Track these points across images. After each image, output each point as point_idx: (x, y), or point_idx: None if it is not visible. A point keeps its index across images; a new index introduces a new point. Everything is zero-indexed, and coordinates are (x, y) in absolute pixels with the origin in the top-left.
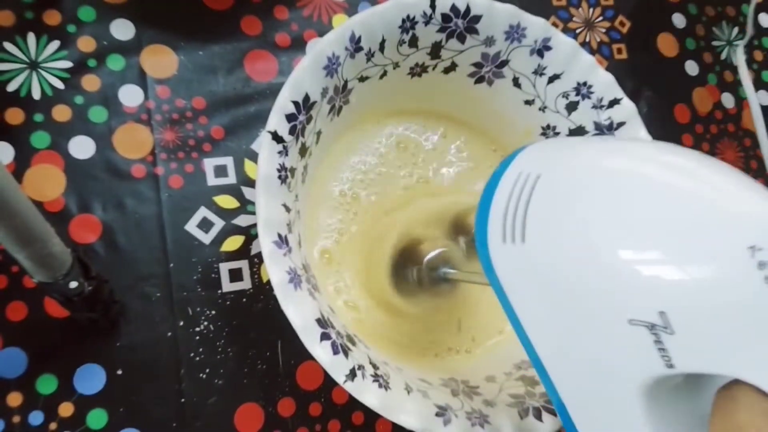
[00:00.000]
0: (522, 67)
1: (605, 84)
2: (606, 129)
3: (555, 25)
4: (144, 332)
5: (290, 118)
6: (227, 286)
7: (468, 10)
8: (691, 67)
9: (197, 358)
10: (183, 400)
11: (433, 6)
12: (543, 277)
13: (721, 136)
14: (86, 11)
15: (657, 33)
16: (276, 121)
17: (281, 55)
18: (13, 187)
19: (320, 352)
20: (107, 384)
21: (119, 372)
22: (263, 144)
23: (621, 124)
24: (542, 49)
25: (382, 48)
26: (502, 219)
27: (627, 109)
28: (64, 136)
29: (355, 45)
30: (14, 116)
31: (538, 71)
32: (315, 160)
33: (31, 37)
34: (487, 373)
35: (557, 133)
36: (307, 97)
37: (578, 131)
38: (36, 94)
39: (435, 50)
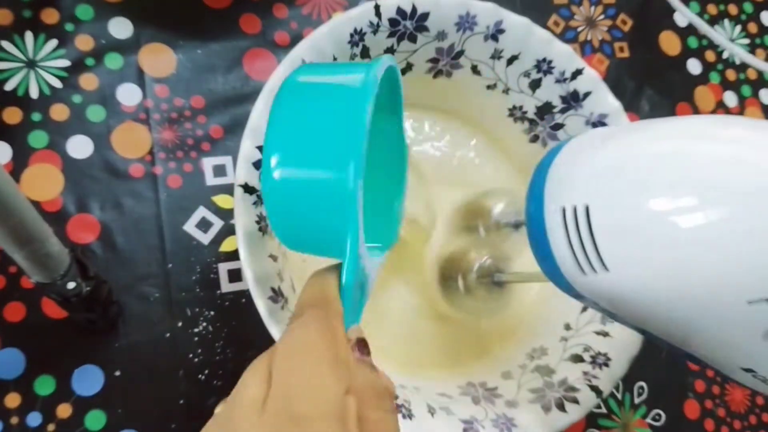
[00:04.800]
0: (478, 54)
1: (564, 56)
2: (572, 100)
3: (556, 23)
4: (142, 333)
5: (258, 164)
6: (226, 286)
7: (414, 10)
8: (694, 66)
9: (196, 359)
10: (182, 401)
11: (378, 14)
12: (645, 292)
13: None
14: (84, 10)
15: (659, 31)
16: (244, 173)
17: (280, 53)
18: (10, 187)
19: None
20: (105, 385)
21: (117, 373)
22: (236, 200)
23: (587, 94)
24: (496, 33)
25: None
26: (570, 256)
27: (591, 78)
28: (62, 136)
29: None
30: (12, 115)
31: (496, 55)
32: None
33: (28, 36)
34: (501, 369)
35: (524, 113)
36: None
37: (545, 107)
38: (34, 93)
39: None
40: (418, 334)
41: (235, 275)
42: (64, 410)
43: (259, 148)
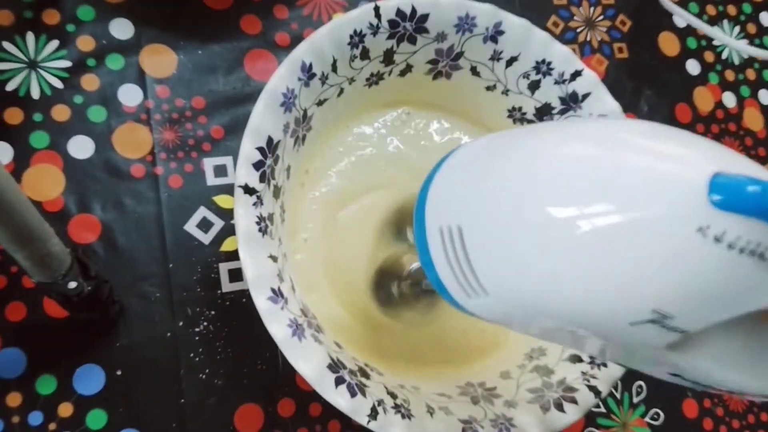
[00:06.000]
0: (477, 55)
1: (563, 58)
2: (571, 102)
3: (555, 24)
4: (143, 332)
5: (258, 165)
6: (227, 286)
7: (414, 11)
8: (692, 67)
9: (197, 359)
10: (183, 400)
11: (378, 15)
12: (529, 313)
13: (723, 136)
14: (85, 10)
15: (658, 32)
16: (244, 173)
17: (281, 54)
18: (12, 187)
19: (338, 398)
20: (107, 384)
21: (119, 372)
22: (237, 200)
23: (586, 96)
24: (495, 34)
25: (334, 68)
26: (454, 280)
27: (589, 80)
28: (64, 136)
29: (308, 73)
30: (13, 116)
31: (495, 57)
32: (289, 196)
33: (30, 37)
34: (500, 369)
35: (524, 114)
36: (270, 140)
37: (544, 108)
38: (35, 94)
39: (388, 57)
40: (413, 336)
41: (236, 275)
42: (65, 409)
43: (259, 149)
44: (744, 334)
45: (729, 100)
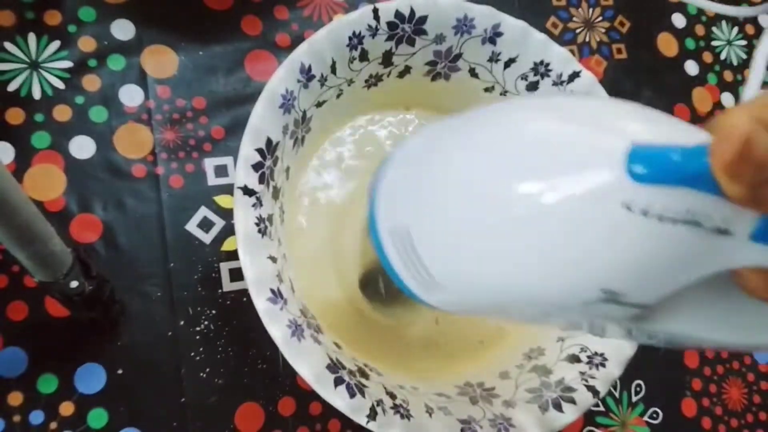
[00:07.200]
0: (476, 57)
1: (562, 59)
2: None
3: (554, 25)
4: (144, 332)
5: (257, 167)
6: (228, 285)
7: (412, 13)
8: (691, 67)
9: (198, 358)
10: (183, 399)
11: (377, 17)
12: (484, 301)
13: None
14: (87, 11)
15: (657, 33)
16: (244, 175)
17: (282, 55)
18: (13, 187)
19: (337, 399)
20: (108, 383)
21: (120, 371)
22: (236, 202)
23: None
24: (493, 36)
25: (333, 70)
26: (411, 278)
27: (588, 81)
28: (65, 136)
29: (307, 75)
30: (15, 116)
31: (493, 58)
32: (288, 198)
33: (31, 37)
34: (499, 369)
35: None
36: (269, 141)
37: None
38: (36, 94)
39: (386, 59)
40: (412, 339)
41: (237, 274)
42: (66, 408)
43: (259, 150)
44: (712, 294)
45: (728, 100)
